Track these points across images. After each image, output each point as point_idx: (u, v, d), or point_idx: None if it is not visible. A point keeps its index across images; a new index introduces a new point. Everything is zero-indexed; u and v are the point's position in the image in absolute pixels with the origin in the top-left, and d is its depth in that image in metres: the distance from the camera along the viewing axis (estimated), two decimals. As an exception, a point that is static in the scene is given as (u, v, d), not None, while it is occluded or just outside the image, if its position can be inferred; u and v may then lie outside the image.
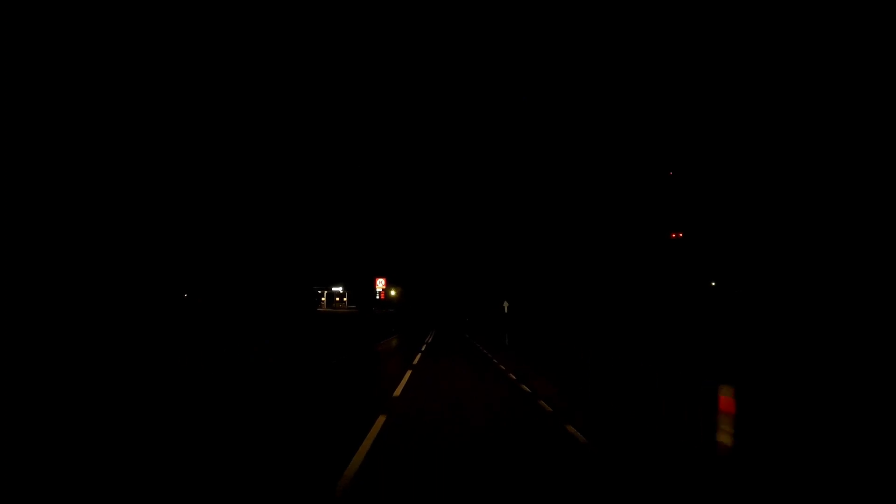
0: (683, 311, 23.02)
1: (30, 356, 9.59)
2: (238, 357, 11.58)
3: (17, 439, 4.79)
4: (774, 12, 21.40)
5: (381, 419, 6.03)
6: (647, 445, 5.23)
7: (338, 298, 77.29)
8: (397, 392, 8.23)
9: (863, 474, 4.11)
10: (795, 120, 20.54)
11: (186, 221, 28.38)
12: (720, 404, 4.39)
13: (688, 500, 3.94)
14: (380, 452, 4.74)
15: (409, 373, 10.80)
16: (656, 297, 25.74)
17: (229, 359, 11.20)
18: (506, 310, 24.29)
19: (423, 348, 17.21)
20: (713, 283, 25.00)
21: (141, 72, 24.68)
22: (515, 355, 15.33)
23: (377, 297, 67.39)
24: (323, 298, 75.13)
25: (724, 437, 4.31)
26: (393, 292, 71.55)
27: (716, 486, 4.14)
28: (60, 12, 20.38)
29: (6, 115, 18.12)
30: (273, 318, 28.07)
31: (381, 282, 69.99)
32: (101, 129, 22.28)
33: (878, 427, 5.19)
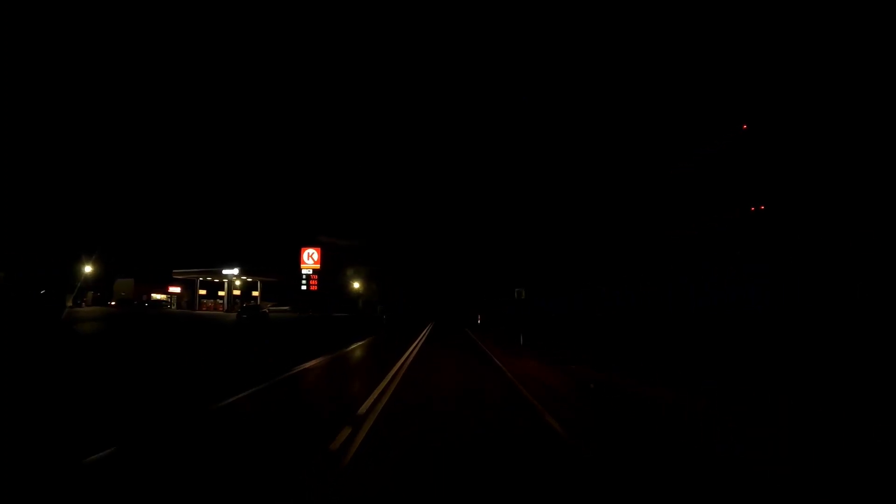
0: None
1: None
2: None
3: None
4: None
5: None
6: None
7: (218, 294, 49.24)
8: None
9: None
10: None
11: None
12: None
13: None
14: None
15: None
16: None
17: None
18: (522, 296, 20.87)
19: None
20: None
21: None
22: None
23: (306, 284, 44.16)
24: (158, 296, 49.75)
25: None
26: (357, 284, 51.12)
27: None
28: None
29: None
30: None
31: (310, 254, 44.22)
32: None
33: None
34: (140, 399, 6.35)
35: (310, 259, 46.69)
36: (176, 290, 52.49)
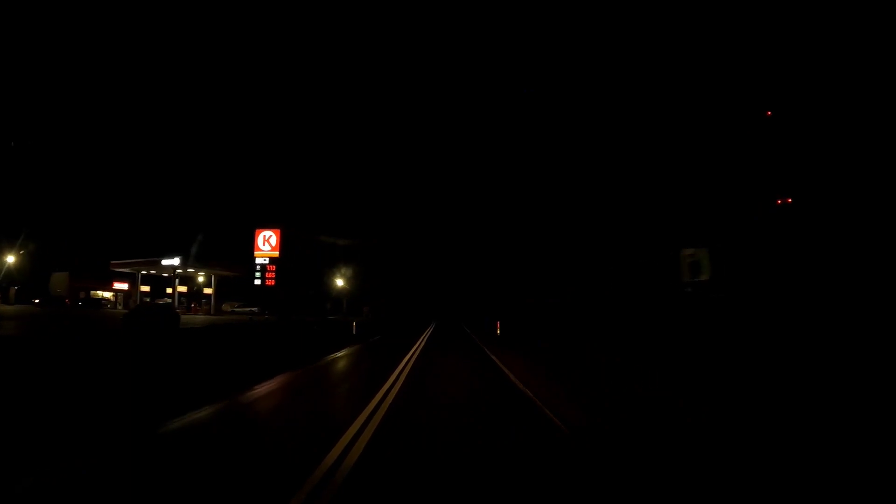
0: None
1: None
2: None
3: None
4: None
5: None
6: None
7: (167, 291, 39.21)
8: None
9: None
10: None
11: None
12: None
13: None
14: None
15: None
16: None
17: None
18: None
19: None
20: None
21: None
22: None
23: (260, 276, 34.89)
24: (104, 294, 41.49)
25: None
26: (341, 282, 43.82)
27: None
28: None
29: None
30: None
31: (266, 238, 34.55)
32: None
33: None
34: None
35: (266, 244, 36.15)
36: (123, 286, 45.95)
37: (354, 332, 23.12)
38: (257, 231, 36.89)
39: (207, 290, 42.20)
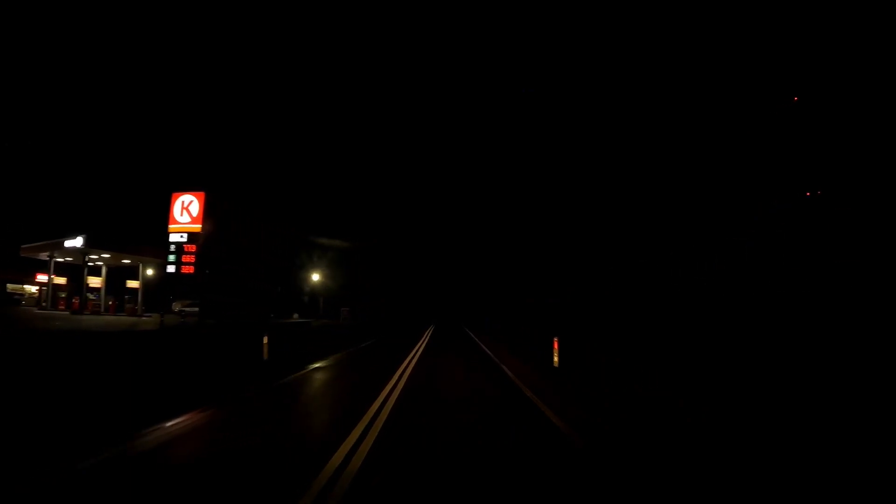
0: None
1: None
2: None
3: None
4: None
5: None
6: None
7: (87, 283, 26.61)
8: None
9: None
10: None
11: None
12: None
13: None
14: None
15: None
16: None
17: None
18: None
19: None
20: None
21: None
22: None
23: (175, 261, 24.47)
24: (30, 288, 33.06)
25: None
26: (316, 276, 38.37)
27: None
28: None
29: None
30: None
31: (186, 205, 25.00)
32: None
33: None
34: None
35: (184, 214, 25.63)
36: (42, 278, 32.78)
37: (266, 355, 10.93)
38: (174, 196, 26.29)
39: (132, 284, 31.03)
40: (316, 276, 40.34)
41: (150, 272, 30.62)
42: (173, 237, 26.06)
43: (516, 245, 41.47)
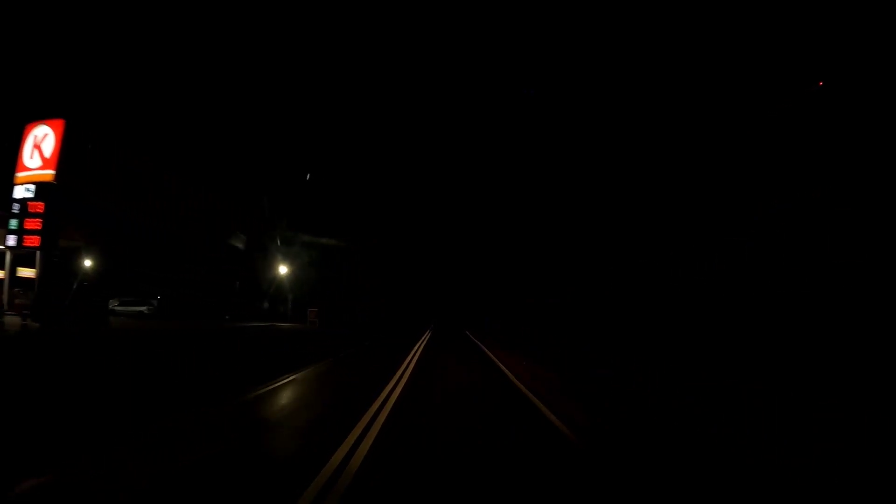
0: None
1: None
2: None
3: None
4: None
5: None
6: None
7: None
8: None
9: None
10: None
11: None
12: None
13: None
14: None
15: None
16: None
17: None
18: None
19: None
20: None
21: None
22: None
23: (17, 226, 15.84)
24: None
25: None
26: (284, 269, 30.68)
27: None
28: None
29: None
30: None
31: (39, 139, 16.61)
32: None
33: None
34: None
35: (35, 155, 17.57)
36: None
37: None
38: (28, 128, 17.98)
39: (27, 272, 18.91)
40: (283, 269, 30.55)
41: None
42: (18, 191, 17.11)
43: (516, 245, 41.32)
